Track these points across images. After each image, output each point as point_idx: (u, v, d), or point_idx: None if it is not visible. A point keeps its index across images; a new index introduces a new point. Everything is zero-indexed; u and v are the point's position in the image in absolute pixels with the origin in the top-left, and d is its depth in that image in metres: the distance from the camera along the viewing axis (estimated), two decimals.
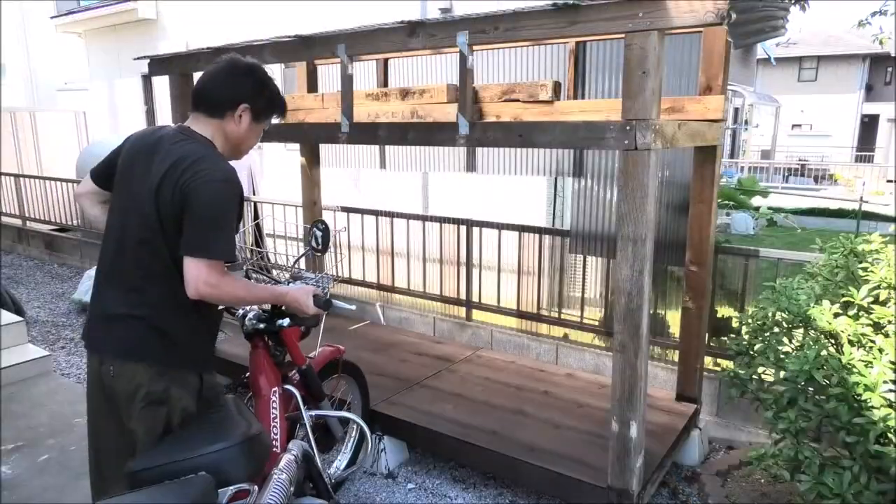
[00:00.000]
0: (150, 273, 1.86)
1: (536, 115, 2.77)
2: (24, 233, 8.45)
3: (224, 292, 1.82)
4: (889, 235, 2.88)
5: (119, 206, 1.93)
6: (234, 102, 1.92)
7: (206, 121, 1.93)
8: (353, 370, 3.10)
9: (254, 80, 1.96)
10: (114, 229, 1.93)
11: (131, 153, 1.93)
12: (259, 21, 7.89)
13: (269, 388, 2.33)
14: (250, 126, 1.97)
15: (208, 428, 1.79)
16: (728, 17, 1.96)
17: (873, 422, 2.02)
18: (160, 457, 1.68)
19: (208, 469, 1.62)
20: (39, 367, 4.18)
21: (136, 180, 1.86)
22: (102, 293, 1.95)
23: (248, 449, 1.72)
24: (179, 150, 1.83)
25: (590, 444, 2.90)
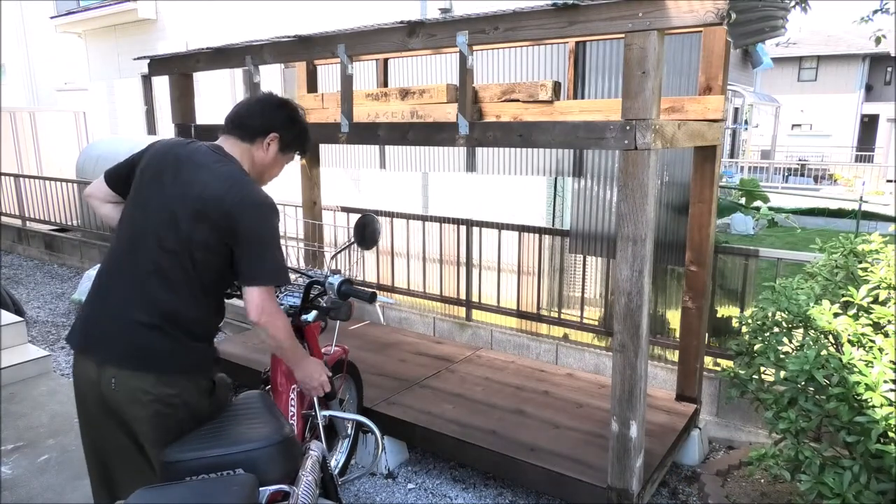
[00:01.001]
0: (168, 281, 1.86)
1: (536, 114, 2.77)
2: (24, 233, 8.45)
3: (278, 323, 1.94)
4: (889, 235, 2.88)
5: (141, 210, 1.92)
6: (266, 130, 2.04)
7: (237, 144, 2.03)
8: (353, 369, 3.13)
9: (286, 112, 2.09)
10: (130, 233, 1.92)
11: (160, 161, 1.96)
12: (259, 21, 7.89)
13: (289, 384, 2.33)
14: (276, 155, 2.09)
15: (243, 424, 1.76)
16: (728, 17, 1.96)
17: (875, 421, 2.02)
18: (196, 449, 1.65)
19: (244, 466, 1.60)
20: (39, 367, 4.18)
21: (168, 188, 1.89)
22: (107, 296, 1.91)
23: (285, 449, 1.70)
24: (222, 171, 1.91)
25: (590, 444, 2.90)
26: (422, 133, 2.82)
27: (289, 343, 2.05)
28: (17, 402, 3.81)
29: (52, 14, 11.21)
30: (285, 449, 1.70)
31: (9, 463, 3.13)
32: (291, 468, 1.78)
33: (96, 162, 7.76)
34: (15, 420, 3.57)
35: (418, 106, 2.96)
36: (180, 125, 3.72)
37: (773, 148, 23.58)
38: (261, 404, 1.91)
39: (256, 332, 2.06)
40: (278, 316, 1.96)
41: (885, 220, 10.71)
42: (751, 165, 20.65)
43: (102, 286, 1.93)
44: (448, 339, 4.53)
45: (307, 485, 1.81)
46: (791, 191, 15.73)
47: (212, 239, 1.86)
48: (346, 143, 3.04)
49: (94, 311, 1.92)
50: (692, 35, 3.18)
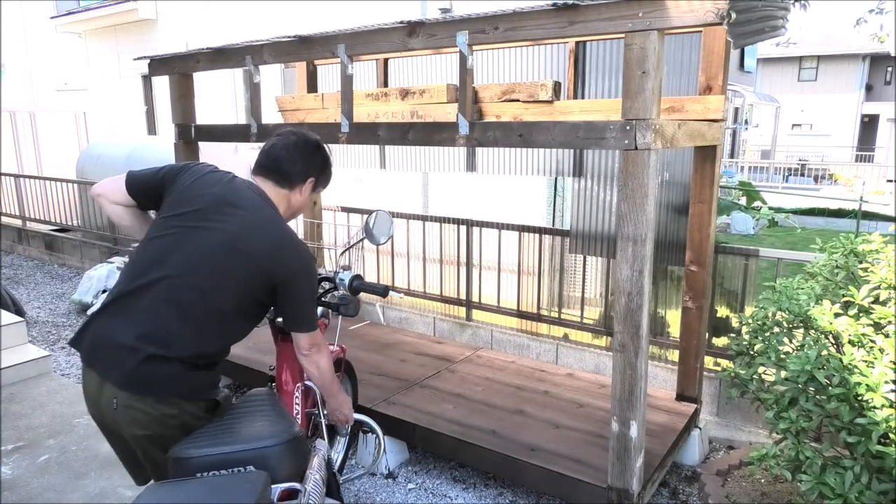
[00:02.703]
0: (185, 314, 1.86)
1: (536, 114, 2.77)
2: (24, 233, 8.45)
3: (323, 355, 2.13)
4: (889, 235, 2.88)
5: (174, 240, 1.91)
6: (305, 176, 2.12)
7: (277, 190, 2.08)
8: (349, 368, 3.14)
9: (322, 156, 2.18)
10: (157, 259, 1.90)
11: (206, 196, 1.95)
12: (259, 21, 7.89)
13: (294, 383, 2.37)
14: (309, 196, 2.18)
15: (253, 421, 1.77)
16: (728, 17, 1.96)
17: (875, 422, 2.02)
18: (206, 446, 1.64)
19: (255, 463, 1.60)
20: (39, 368, 4.18)
21: (211, 228, 1.90)
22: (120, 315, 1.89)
23: (295, 447, 1.71)
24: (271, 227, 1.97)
25: (590, 444, 2.90)
26: (422, 133, 2.82)
27: (330, 375, 2.21)
28: (17, 402, 3.81)
29: (52, 14, 11.20)
30: (295, 447, 1.70)
31: (9, 463, 3.13)
32: (301, 466, 1.78)
33: (96, 162, 7.77)
34: (15, 420, 3.57)
35: (418, 106, 2.96)
36: (180, 125, 3.72)
37: (773, 148, 23.59)
38: (269, 402, 1.92)
39: (304, 364, 2.16)
40: (325, 351, 2.14)
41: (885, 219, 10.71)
42: (751, 165, 20.65)
43: (117, 304, 1.90)
44: (448, 339, 4.53)
45: (315, 483, 1.81)
46: (791, 191, 15.73)
47: (251, 290, 1.92)
48: (346, 143, 3.05)
49: (104, 328, 1.89)
50: (692, 35, 3.18)
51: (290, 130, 2.18)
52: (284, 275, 1.93)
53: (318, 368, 2.14)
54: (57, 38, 11.61)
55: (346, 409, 2.37)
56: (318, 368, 2.14)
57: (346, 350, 2.97)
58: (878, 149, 27.41)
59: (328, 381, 2.21)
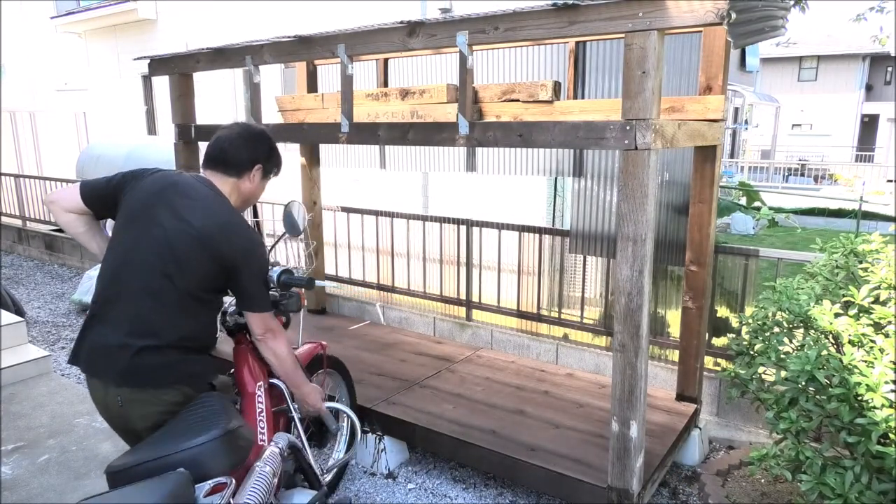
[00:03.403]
0: (162, 303, 1.97)
1: (536, 114, 2.77)
2: (24, 233, 8.45)
3: (279, 341, 2.17)
4: (889, 235, 2.88)
5: (135, 240, 2.01)
6: (252, 163, 2.18)
7: (224, 179, 2.15)
8: (338, 366, 3.08)
9: (267, 143, 2.24)
10: (124, 260, 2.01)
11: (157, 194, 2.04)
12: (259, 21, 7.89)
13: (255, 382, 2.33)
14: (259, 183, 2.24)
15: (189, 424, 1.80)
16: (728, 17, 1.96)
17: (875, 422, 2.02)
18: (140, 455, 1.69)
19: (188, 465, 1.63)
20: (39, 368, 4.18)
21: (167, 221, 1.99)
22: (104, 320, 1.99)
23: (227, 443, 1.73)
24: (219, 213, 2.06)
25: (590, 444, 2.90)
26: (422, 133, 2.82)
27: (291, 363, 2.24)
28: (17, 402, 3.81)
29: (52, 14, 11.20)
30: (227, 443, 1.71)
31: (9, 463, 3.13)
32: (238, 459, 1.80)
33: (96, 162, 7.76)
34: (15, 420, 3.57)
35: (418, 106, 2.96)
36: (180, 125, 3.72)
37: (773, 148, 23.60)
38: (214, 403, 1.93)
39: (262, 352, 2.21)
40: (281, 338, 2.19)
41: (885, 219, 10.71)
42: (751, 165, 20.65)
43: (99, 312, 2.01)
44: (448, 339, 4.53)
45: (261, 474, 1.84)
46: (791, 191, 15.72)
47: (204, 266, 2.00)
48: (346, 143, 3.04)
49: (94, 336, 2.00)
50: (692, 35, 3.18)
51: (235, 123, 2.28)
52: (232, 255, 2.01)
53: (275, 356, 2.18)
54: (57, 38, 11.61)
55: (312, 399, 2.38)
56: (276, 356, 2.18)
57: (326, 346, 2.94)
58: (878, 149, 27.41)
59: (289, 369, 2.24)
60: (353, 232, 5.15)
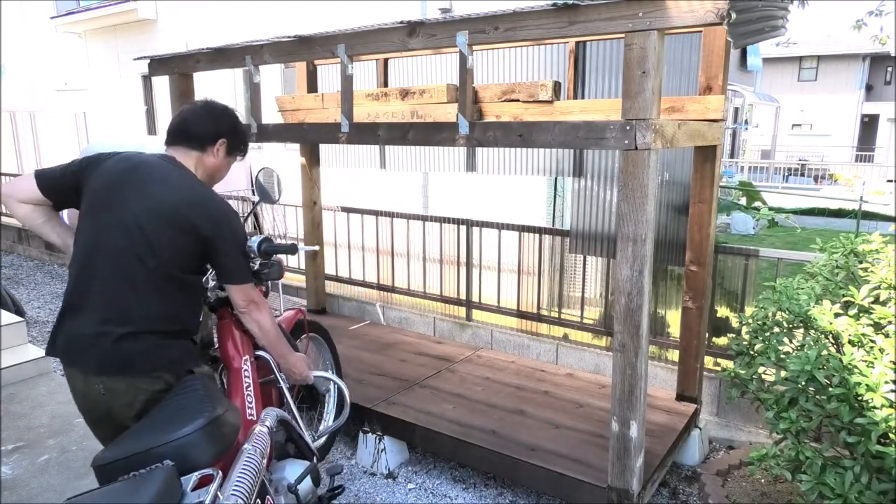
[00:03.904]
0: (137, 287, 1.93)
1: (536, 114, 2.77)
2: (24, 233, 8.45)
3: (262, 312, 2.15)
4: (889, 235, 2.88)
5: (102, 224, 1.96)
6: (215, 137, 2.14)
7: (188, 153, 2.11)
8: (320, 330, 3.09)
9: (231, 118, 2.21)
10: (94, 247, 1.96)
11: (119, 176, 1.99)
12: (259, 21, 7.89)
13: (240, 357, 2.30)
14: (224, 159, 2.19)
15: (173, 412, 1.76)
16: (728, 17, 1.96)
17: (875, 422, 2.02)
18: (126, 448, 1.65)
19: (173, 456, 1.60)
20: (39, 368, 4.18)
21: (132, 202, 1.94)
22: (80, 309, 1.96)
23: (211, 433, 1.70)
24: (185, 186, 2.01)
25: (590, 444, 2.90)
26: (422, 133, 2.82)
27: (275, 334, 2.22)
28: (17, 402, 3.81)
29: (52, 14, 11.20)
30: (211, 432, 1.69)
31: (9, 463, 3.13)
32: (224, 447, 1.77)
33: None
34: (15, 420, 3.57)
35: (418, 106, 2.96)
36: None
37: (774, 148, 23.60)
38: (196, 387, 1.89)
39: (246, 324, 2.19)
40: (264, 309, 2.17)
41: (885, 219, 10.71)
42: (751, 165, 20.65)
43: (73, 302, 1.98)
44: (448, 339, 4.53)
45: (248, 457, 1.81)
46: (791, 191, 15.72)
47: (177, 243, 1.95)
48: (346, 143, 3.05)
49: (70, 324, 1.97)
50: (692, 35, 3.18)
51: (198, 100, 2.26)
52: (206, 227, 1.97)
53: (259, 327, 2.16)
54: (57, 38, 11.61)
55: (299, 367, 2.37)
56: (260, 327, 2.16)
57: (304, 311, 2.96)
58: (878, 149, 27.40)
59: (274, 340, 2.22)
60: (353, 232, 5.15)
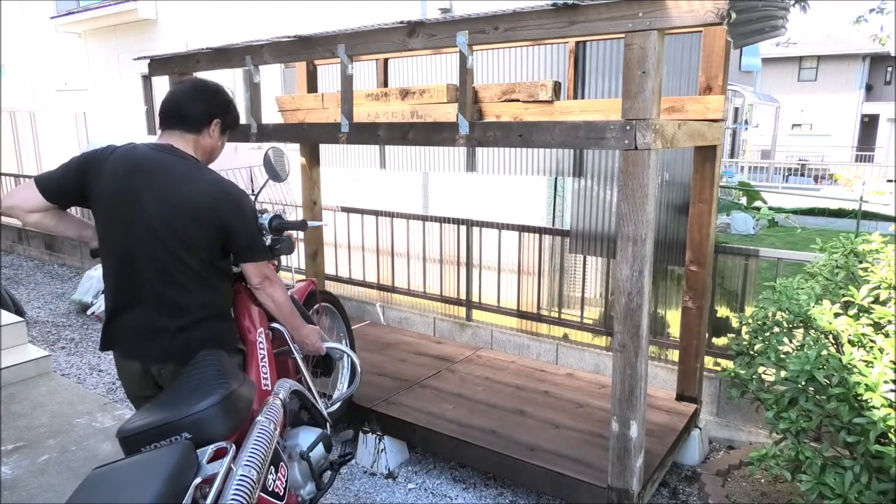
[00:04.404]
0: (182, 283, 2.03)
1: (536, 114, 2.77)
2: (24, 233, 8.45)
3: (276, 287, 2.23)
4: (889, 235, 2.88)
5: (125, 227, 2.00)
6: (210, 118, 2.13)
7: (185, 137, 2.10)
8: (332, 299, 3.17)
9: (223, 97, 2.19)
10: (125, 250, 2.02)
11: (122, 174, 2.00)
12: (259, 21, 7.89)
13: (255, 329, 2.35)
14: (219, 138, 2.20)
15: (190, 389, 1.84)
16: (728, 17, 1.96)
17: (873, 422, 2.02)
18: (147, 420, 1.73)
19: (190, 429, 1.69)
20: (39, 368, 4.18)
21: (148, 201, 1.97)
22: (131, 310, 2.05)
23: (226, 408, 1.77)
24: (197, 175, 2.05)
25: (590, 444, 2.90)
26: (422, 133, 2.82)
27: (288, 308, 2.30)
28: (17, 402, 3.81)
29: (52, 14, 11.19)
30: (225, 408, 1.77)
31: (9, 463, 3.13)
32: (238, 420, 1.84)
33: None
34: (15, 420, 3.57)
35: (418, 106, 2.96)
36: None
37: (773, 148, 23.60)
38: (213, 363, 1.96)
39: (261, 300, 2.27)
40: (278, 284, 2.25)
41: (885, 219, 10.71)
42: (751, 165, 20.65)
43: (122, 299, 2.06)
44: (448, 339, 4.53)
45: (259, 431, 1.86)
46: (791, 191, 15.72)
47: (207, 236, 2.03)
48: (346, 143, 3.04)
49: (127, 321, 2.06)
50: (692, 35, 3.18)
51: (186, 79, 2.24)
52: (226, 213, 2.03)
53: (273, 301, 2.24)
54: (57, 38, 11.61)
55: (312, 339, 2.46)
56: (274, 301, 2.24)
57: (316, 282, 3.04)
58: (878, 149, 27.40)
59: (287, 314, 2.31)
60: (353, 232, 5.15)
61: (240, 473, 1.63)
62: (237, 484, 1.59)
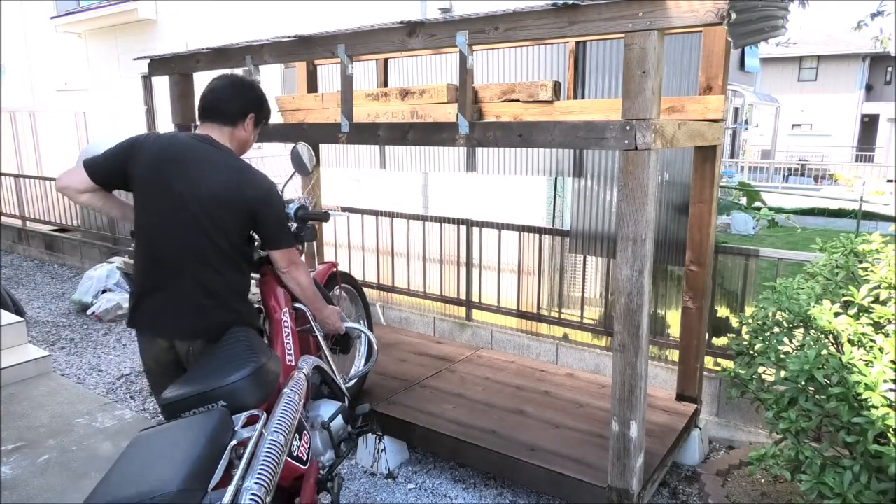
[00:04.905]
0: (212, 264, 2.18)
1: (536, 114, 2.77)
2: (24, 233, 8.45)
3: (301, 271, 2.38)
4: (889, 235, 2.88)
5: (160, 211, 2.16)
6: (245, 112, 2.29)
7: (222, 129, 2.26)
8: (351, 280, 3.40)
9: (257, 93, 2.36)
10: (159, 232, 2.18)
11: (159, 161, 2.16)
12: (259, 21, 7.89)
13: (280, 309, 2.53)
14: (253, 131, 2.37)
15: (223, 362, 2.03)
16: (728, 17, 1.96)
17: (871, 421, 2.02)
18: (186, 388, 1.91)
19: (225, 398, 1.87)
20: (39, 368, 4.18)
21: (181, 186, 2.12)
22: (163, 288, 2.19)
23: (257, 378, 1.96)
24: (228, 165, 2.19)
25: (590, 444, 2.90)
26: (422, 133, 2.82)
27: (311, 291, 2.47)
28: (17, 402, 3.81)
29: (52, 14, 11.20)
30: (256, 379, 1.95)
31: (9, 463, 3.13)
32: (267, 391, 2.02)
33: None
34: (15, 420, 3.57)
35: (418, 106, 2.96)
36: (180, 125, 3.72)
37: (774, 148, 23.59)
38: (244, 339, 2.15)
39: (286, 282, 2.43)
40: (302, 269, 2.41)
41: (885, 219, 10.70)
42: (751, 165, 20.65)
43: (151, 280, 2.21)
44: (448, 339, 4.53)
45: (287, 400, 2.03)
46: (791, 191, 15.72)
47: (236, 221, 2.18)
48: (346, 143, 3.05)
49: (157, 301, 2.21)
50: (692, 35, 3.18)
51: (224, 75, 2.35)
52: (255, 203, 2.18)
53: (298, 285, 2.41)
54: (57, 38, 11.61)
55: (333, 319, 2.63)
56: (299, 284, 2.41)
57: (336, 265, 3.23)
58: (878, 149, 27.39)
59: (310, 296, 2.48)
60: (353, 232, 5.15)
61: (270, 438, 1.78)
62: (267, 447, 1.74)
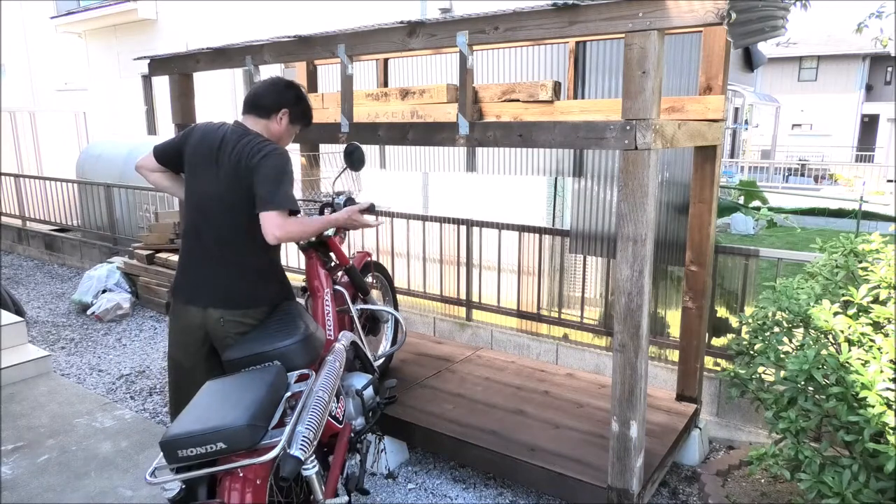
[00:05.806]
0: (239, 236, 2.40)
1: (536, 114, 2.77)
2: (24, 233, 8.45)
3: (291, 231, 2.37)
4: (889, 235, 2.88)
5: (199, 186, 2.45)
6: (279, 107, 2.51)
7: (256, 120, 2.50)
8: (382, 270, 3.71)
9: (294, 92, 2.56)
10: (198, 207, 2.45)
11: (203, 144, 2.45)
12: (259, 21, 7.89)
13: (323, 289, 2.81)
14: (287, 127, 2.56)
15: (276, 329, 2.35)
16: (728, 17, 1.96)
17: (868, 419, 2.02)
18: (246, 349, 2.26)
19: (280, 358, 2.20)
20: (39, 367, 4.18)
21: (216, 166, 2.40)
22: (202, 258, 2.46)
23: (306, 344, 2.29)
24: (243, 140, 2.40)
25: (590, 444, 2.90)
26: (422, 133, 2.82)
27: (309, 228, 2.54)
28: (17, 402, 3.81)
29: (52, 14, 11.20)
30: (305, 344, 2.28)
31: (9, 463, 3.13)
32: (314, 356, 2.34)
33: (96, 162, 7.76)
34: (15, 420, 3.57)
35: (418, 106, 2.96)
36: (180, 125, 3.72)
37: (774, 148, 23.60)
38: (294, 311, 2.49)
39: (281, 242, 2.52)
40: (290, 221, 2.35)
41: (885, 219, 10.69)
42: (751, 165, 20.64)
43: (194, 252, 2.49)
44: (448, 339, 4.53)
45: (331, 367, 2.33)
46: (791, 191, 15.71)
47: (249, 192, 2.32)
48: (345, 143, 3.04)
49: (195, 271, 2.48)
50: (692, 35, 3.18)
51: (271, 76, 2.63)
52: (256, 159, 2.33)
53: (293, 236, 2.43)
54: (57, 38, 11.61)
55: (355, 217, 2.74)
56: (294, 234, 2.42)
57: (370, 253, 3.50)
58: (878, 149, 27.39)
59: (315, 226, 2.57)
60: (353, 232, 5.15)
61: (317, 394, 2.09)
62: (315, 401, 2.05)
